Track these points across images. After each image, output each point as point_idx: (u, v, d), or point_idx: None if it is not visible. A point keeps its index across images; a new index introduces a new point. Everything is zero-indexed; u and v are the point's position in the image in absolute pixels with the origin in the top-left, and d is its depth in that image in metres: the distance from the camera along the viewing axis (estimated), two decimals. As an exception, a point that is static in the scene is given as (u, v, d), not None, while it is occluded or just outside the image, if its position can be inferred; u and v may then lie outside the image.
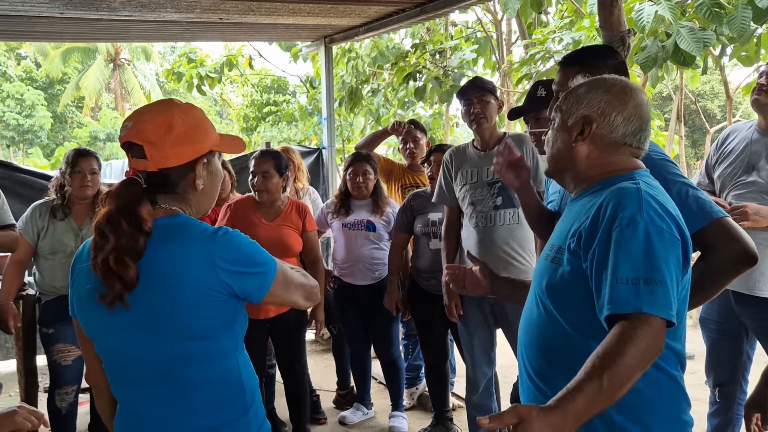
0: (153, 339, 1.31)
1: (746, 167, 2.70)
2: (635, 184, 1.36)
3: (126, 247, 1.27)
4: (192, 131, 1.37)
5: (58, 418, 3.10)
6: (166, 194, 1.37)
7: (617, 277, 1.24)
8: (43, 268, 3.15)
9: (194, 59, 8.92)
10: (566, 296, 1.40)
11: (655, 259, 1.24)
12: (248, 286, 1.34)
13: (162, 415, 1.35)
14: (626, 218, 1.28)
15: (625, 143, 1.44)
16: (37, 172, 4.81)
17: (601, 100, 1.44)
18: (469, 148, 3.06)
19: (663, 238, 1.27)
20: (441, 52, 5.79)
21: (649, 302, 1.21)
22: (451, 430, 3.58)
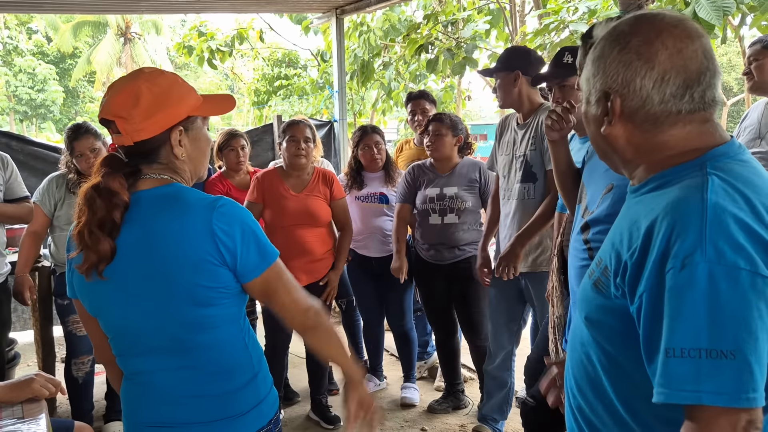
0: (157, 306, 1.30)
1: (756, 138, 2.86)
2: (701, 188, 0.95)
3: (101, 221, 1.27)
4: (161, 100, 1.32)
5: (75, 387, 3.15)
6: (150, 165, 1.35)
7: (668, 347, 0.89)
8: (58, 239, 3.18)
9: (205, 33, 8.87)
10: (611, 339, 1.05)
11: (724, 319, 0.87)
12: (246, 262, 1.31)
13: (171, 384, 1.34)
14: (681, 255, 0.90)
15: (673, 112, 1.02)
16: (51, 145, 4.84)
17: (618, 63, 1.04)
18: (513, 119, 3.01)
19: (738, 282, 0.87)
20: (453, 24, 5.71)
21: (714, 387, 0.86)
22: (463, 401, 3.61)
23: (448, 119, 3.34)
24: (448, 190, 3.32)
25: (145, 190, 1.33)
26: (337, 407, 3.53)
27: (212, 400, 1.33)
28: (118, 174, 1.31)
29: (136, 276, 1.29)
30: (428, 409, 3.56)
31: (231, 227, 1.29)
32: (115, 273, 1.30)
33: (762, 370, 0.87)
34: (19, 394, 1.90)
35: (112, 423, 3.29)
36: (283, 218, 3.16)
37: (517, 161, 2.89)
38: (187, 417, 1.34)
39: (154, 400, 1.36)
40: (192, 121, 1.38)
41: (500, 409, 3.15)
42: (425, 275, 3.48)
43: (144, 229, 1.29)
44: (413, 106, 3.97)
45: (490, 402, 3.18)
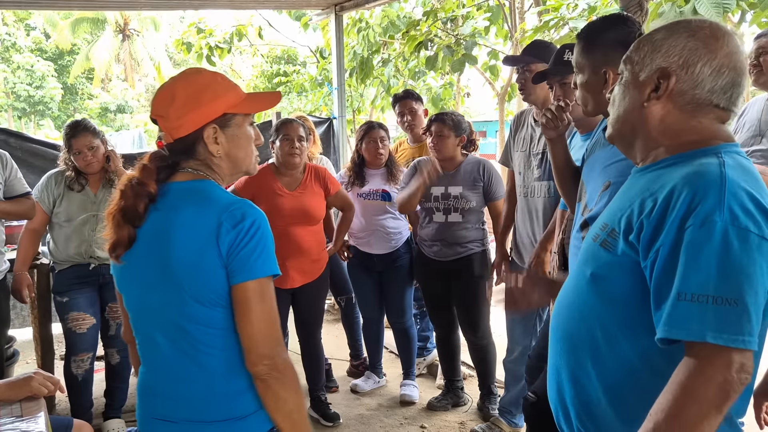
0: (166, 297, 1.32)
1: (757, 135, 2.83)
2: (719, 165, 1.09)
3: (125, 209, 1.34)
4: (195, 98, 1.36)
5: (75, 385, 3.15)
6: (188, 159, 1.40)
7: (680, 292, 1.02)
8: (57, 236, 3.17)
9: (203, 30, 8.85)
10: (615, 292, 1.18)
11: (732, 272, 1.00)
12: (233, 262, 1.28)
13: (176, 380, 1.36)
14: (702, 215, 1.03)
15: (712, 103, 1.15)
16: (49, 142, 4.82)
17: (684, 47, 1.15)
18: (529, 115, 3.00)
19: (748, 243, 1.01)
20: (453, 20, 5.70)
21: (716, 328, 0.99)
22: (462, 399, 3.61)
23: (450, 119, 3.32)
24: (453, 190, 3.32)
25: (177, 182, 1.38)
26: (336, 404, 3.53)
27: (215, 400, 1.33)
28: (151, 166, 1.38)
29: (150, 264, 1.33)
30: (428, 406, 3.56)
31: (237, 225, 1.29)
32: (133, 258, 1.36)
33: (758, 320, 1.02)
34: (18, 392, 1.89)
35: (111, 420, 3.28)
36: (277, 217, 3.10)
37: (534, 158, 2.89)
38: (190, 414, 1.35)
39: (160, 394, 1.39)
40: (229, 119, 1.40)
41: (517, 402, 3.16)
42: (426, 272, 3.48)
43: (164, 220, 1.33)
44: (401, 107, 3.96)
45: (507, 395, 3.20)
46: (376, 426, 3.38)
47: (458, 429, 3.34)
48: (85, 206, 3.15)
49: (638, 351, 1.15)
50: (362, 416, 3.50)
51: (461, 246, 3.31)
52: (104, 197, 3.19)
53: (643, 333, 1.13)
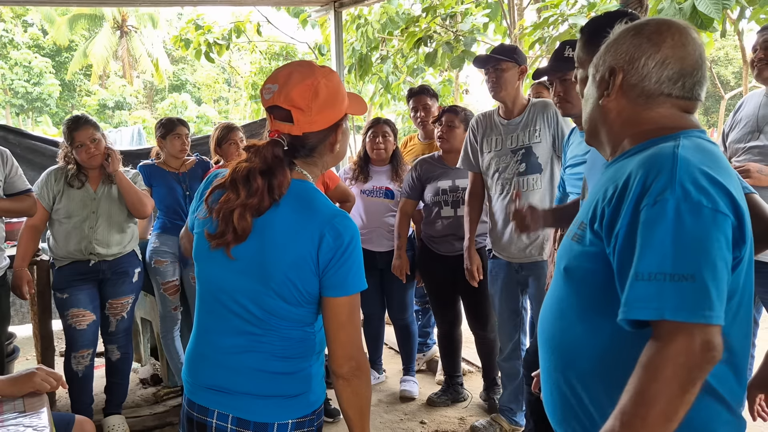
0: (251, 285, 1.38)
1: (754, 131, 2.79)
2: (673, 147, 1.11)
3: (252, 205, 1.35)
4: (334, 96, 1.41)
5: (75, 381, 3.15)
6: (305, 157, 1.43)
7: (637, 272, 1.01)
8: (57, 233, 3.17)
9: (202, 26, 8.84)
10: (586, 282, 1.19)
11: (687, 247, 0.99)
12: (332, 277, 1.36)
13: (236, 352, 1.41)
14: (654, 194, 1.04)
15: (664, 93, 1.19)
16: (48, 138, 4.83)
17: (630, 44, 1.21)
18: (494, 116, 3.03)
19: (701, 216, 1.00)
20: (452, 17, 5.70)
21: (674, 304, 0.97)
22: (462, 394, 3.62)
23: (462, 112, 3.35)
24: (460, 182, 3.33)
25: (293, 179, 1.41)
26: (336, 400, 3.53)
27: (269, 377, 1.40)
28: (285, 167, 1.38)
29: (245, 252, 1.36)
30: (427, 402, 3.57)
31: (337, 240, 1.34)
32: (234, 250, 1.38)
33: (720, 294, 0.99)
34: (21, 388, 1.90)
35: (112, 416, 3.29)
36: None
37: (515, 154, 2.90)
38: (243, 386, 1.41)
39: (216, 363, 1.43)
40: (346, 117, 1.48)
41: (516, 398, 3.18)
42: (432, 267, 3.49)
43: (272, 217, 1.36)
44: (415, 102, 3.93)
45: (505, 393, 3.22)
46: (375, 422, 3.38)
47: (458, 424, 3.35)
48: (85, 203, 3.15)
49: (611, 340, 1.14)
50: (362, 412, 3.50)
51: None
52: (104, 194, 3.19)
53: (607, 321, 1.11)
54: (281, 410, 1.41)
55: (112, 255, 3.21)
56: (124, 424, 3.28)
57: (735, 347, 1.12)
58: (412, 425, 3.34)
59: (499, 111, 3.04)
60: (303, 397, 1.43)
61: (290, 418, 1.41)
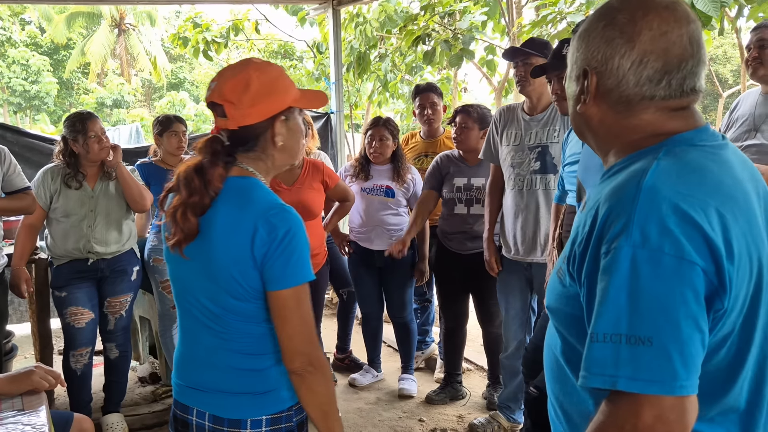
0: (206, 284, 1.41)
1: (751, 130, 2.78)
2: (642, 173, 0.93)
3: (193, 204, 1.37)
4: (268, 88, 1.40)
5: (74, 379, 3.15)
6: (247, 152, 1.43)
7: (594, 332, 0.88)
8: (55, 231, 3.17)
9: (200, 24, 8.83)
10: (568, 327, 1.05)
11: (641, 305, 0.85)
12: (269, 271, 1.35)
13: (208, 348, 1.45)
14: (609, 241, 0.89)
15: (647, 96, 0.99)
16: (45, 137, 4.82)
17: (601, 39, 1.01)
18: (518, 110, 3.02)
19: (660, 267, 0.85)
20: (450, 15, 5.69)
21: (630, 372, 0.84)
22: (460, 392, 3.63)
23: (475, 112, 3.35)
24: (475, 181, 3.33)
25: (231, 177, 1.41)
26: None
27: (238, 374, 1.42)
28: (220, 164, 1.40)
29: (194, 253, 1.39)
30: (426, 399, 3.58)
31: (271, 233, 1.33)
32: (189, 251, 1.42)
33: (685, 359, 0.85)
34: (19, 386, 1.90)
35: (110, 415, 3.28)
36: None
37: (531, 152, 2.90)
38: (217, 384, 1.43)
39: (194, 363, 1.48)
40: (291, 111, 1.45)
41: (515, 397, 3.19)
42: (445, 264, 3.49)
43: (213, 214, 1.38)
44: (422, 99, 3.88)
45: (505, 391, 3.22)
46: (374, 420, 3.39)
47: (456, 422, 3.36)
48: (83, 201, 3.15)
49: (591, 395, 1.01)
50: (361, 410, 3.51)
51: (482, 239, 3.32)
52: (102, 191, 3.19)
53: None
54: (253, 407, 1.42)
55: (111, 253, 3.21)
56: (122, 422, 3.28)
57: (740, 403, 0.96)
58: (411, 423, 3.34)
59: (523, 106, 3.01)
60: (274, 394, 1.43)
61: (263, 414, 1.41)
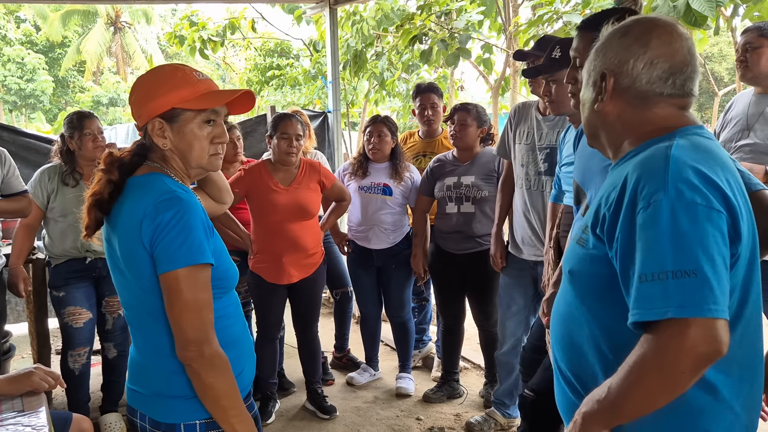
0: (119, 280, 1.45)
1: (744, 130, 2.84)
2: (666, 148, 1.13)
3: (94, 194, 1.43)
4: (152, 90, 1.42)
5: (71, 379, 3.15)
6: (152, 152, 1.46)
7: (642, 274, 1.04)
8: (52, 231, 3.17)
9: (196, 23, 8.81)
10: (589, 287, 1.22)
11: (685, 245, 1.02)
12: (156, 254, 1.34)
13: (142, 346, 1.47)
14: (648, 197, 1.06)
15: (657, 92, 1.21)
16: (42, 136, 4.82)
17: (618, 47, 1.23)
18: (533, 108, 3.01)
19: (696, 214, 1.03)
20: (447, 14, 5.70)
21: (679, 302, 1.00)
22: (458, 390, 3.64)
23: (474, 110, 3.37)
24: (465, 179, 3.34)
25: (137, 175, 1.44)
26: (332, 397, 3.55)
27: (169, 377, 1.40)
28: (119, 158, 1.44)
29: (109, 251, 1.45)
30: (423, 398, 3.59)
31: (156, 218, 1.32)
32: (105, 243, 1.47)
33: (722, 288, 1.02)
34: (19, 387, 1.90)
35: (109, 414, 3.29)
36: (273, 213, 3.14)
37: (541, 152, 2.91)
38: (152, 387, 1.43)
39: (134, 363, 1.51)
40: (178, 114, 1.41)
41: (510, 393, 3.21)
42: (441, 264, 3.50)
43: (118, 210, 1.41)
44: (423, 99, 3.87)
45: (501, 387, 3.24)
46: (372, 418, 3.40)
47: (454, 420, 3.37)
48: (80, 200, 3.12)
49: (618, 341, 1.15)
50: (359, 409, 3.52)
51: (476, 239, 3.34)
52: (99, 192, 3.19)
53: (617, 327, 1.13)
54: (185, 411, 1.40)
55: (109, 253, 3.21)
56: (120, 421, 3.29)
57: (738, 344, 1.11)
58: (409, 422, 3.36)
59: (538, 105, 3.00)
60: (196, 401, 1.39)
61: (196, 418, 1.40)
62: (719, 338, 0.99)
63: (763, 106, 2.82)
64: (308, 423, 3.37)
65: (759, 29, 2.86)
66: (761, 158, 2.76)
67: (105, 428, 3.24)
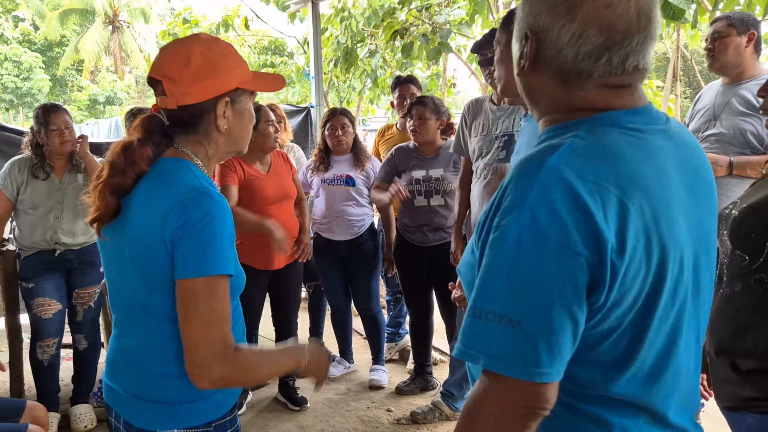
0: (120, 274, 1.31)
1: (711, 119, 2.85)
2: (552, 150, 0.88)
3: (115, 184, 1.27)
4: (213, 66, 1.29)
5: (40, 370, 3.16)
6: (186, 134, 1.32)
7: (473, 306, 0.87)
8: (22, 223, 3.17)
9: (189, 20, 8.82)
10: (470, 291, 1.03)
11: (518, 287, 0.83)
12: (180, 256, 1.20)
13: (127, 349, 1.35)
14: (500, 216, 0.87)
15: (582, 73, 0.92)
16: (22, 130, 4.79)
17: (544, 4, 0.93)
18: (486, 101, 3.04)
19: (544, 252, 0.82)
20: (428, 9, 5.69)
21: (496, 352, 0.84)
22: (431, 383, 3.64)
23: (431, 102, 3.36)
24: (434, 172, 3.34)
25: (163, 159, 1.32)
26: (305, 389, 3.55)
27: (151, 380, 1.30)
28: (149, 145, 1.30)
29: (117, 239, 1.29)
30: (396, 390, 3.59)
31: (182, 216, 1.20)
32: (108, 231, 1.31)
33: (550, 347, 0.83)
34: None
35: (79, 405, 3.29)
36: (259, 199, 3.14)
37: (498, 140, 2.91)
38: (132, 388, 1.32)
39: (113, 360, 1.38)
40: (240, 94, 1.35)
41: (459, 385, 3.21)
42: (407, 257, 3.50)
43: (137, 197, 1.28)
44: (402, 90, 3.92)
45: (451, 378, 3.24)
46: (342, 410, 3.40)
47: (425, 413, 3.37)
48: (50, 193, 3.15)
49: None
50: (330, 400, 3.52)
51: (444, 231, 3.34)
52: (70, 183, 3.19)
53: None
54: (164, 418, 1.29)
55: (79, 244, 3.21)
56: (91, 413, 3.28)
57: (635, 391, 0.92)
58: (379, 413, 3.35)
59: (491, 97, 3.03)
60: (190, 406, 1.30)
61: (175, 427, 1.29)
62: (533, 403, 0.84)
63: (729, 96, 2.82)
64: (278, 414, 3.37)
65: (728, 18, 2.86)
66: (726, 148, 2.77)
67: (75, 419, 3.23)
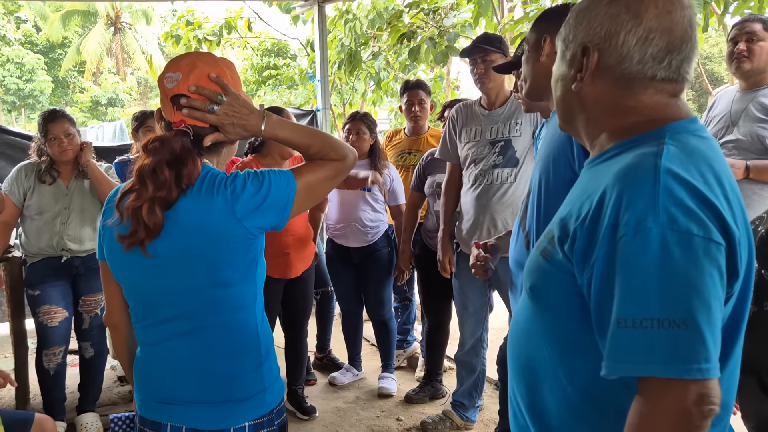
0: (179, 284, 1.34)
1: (728, 126, 2.81)
2: (655, 155, 0.90)
3: (161, 198, 1.29)
4: (237, 86, 1.40)
5: (46, 378, 3.12)
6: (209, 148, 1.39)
7: (620, 317, 0.84)
8: (28, 229, 3.14)
9: (192, 22, 8.80)
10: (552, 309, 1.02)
11: (677, 287, 0.83)
12: (268, 219, 1.34)
13: (179, 357, 1.37)
14: (633, 222, 0.85)
15: (647, 75, 0.98)
16: (28, 134, 4.77)
17: (605, 15, 1.00)
18: (475, 106, 3.02)
19: (692, 248, 0.83)
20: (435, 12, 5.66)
21: (665, 358, 0.82)
22: (440, 391, 3.60)
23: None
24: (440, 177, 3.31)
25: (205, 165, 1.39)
26: (313, 397, 3.51)
27: (216, 380, 1.36)
28: (195, 157, 1.34)
29: (164, 248, 1.32)
30: (405, 398, 3.55)
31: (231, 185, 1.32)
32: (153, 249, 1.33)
33: (716, 340, 0.83)
34: None
35: (85, 414, 3.25)
36: None
37: (494, 146, 2.88)
38: (192, 395, 1.36)
39: (163, 374, 1.39)
40: None
41: (469, 395, 3.17)
42: (426, 261, 3.46)
43: (180, 207, 1.32)
44: (410, 96, 3.86)
45: (461, 388, 3.20)
46: (351, 419, 3.36)
47: (435, 422, 3.32)
48: (57, 198, 3.12)
49: (577, 385, 0.99)
50: (339, 409, 3.48)
51: None
52: (76, 189, 3.16)
53: (582, 362, 0.97)
54: (235, 414, 1.36)
55: (85, 251, 3.18)
56: (97, 421, 3.25)
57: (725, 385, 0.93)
58: (389, 422, 3.31)
59: (480, 101, 3.02)
60: (258, 398, 1.38)
61: (246, 420, 1.37)
62: (711, 400, 0.82)
63: (746, 102, 2.79)
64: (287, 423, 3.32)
65: (763, 22, 2.72)
66: (745, 154, 2.74)
67: (81, 428, 3.19)
